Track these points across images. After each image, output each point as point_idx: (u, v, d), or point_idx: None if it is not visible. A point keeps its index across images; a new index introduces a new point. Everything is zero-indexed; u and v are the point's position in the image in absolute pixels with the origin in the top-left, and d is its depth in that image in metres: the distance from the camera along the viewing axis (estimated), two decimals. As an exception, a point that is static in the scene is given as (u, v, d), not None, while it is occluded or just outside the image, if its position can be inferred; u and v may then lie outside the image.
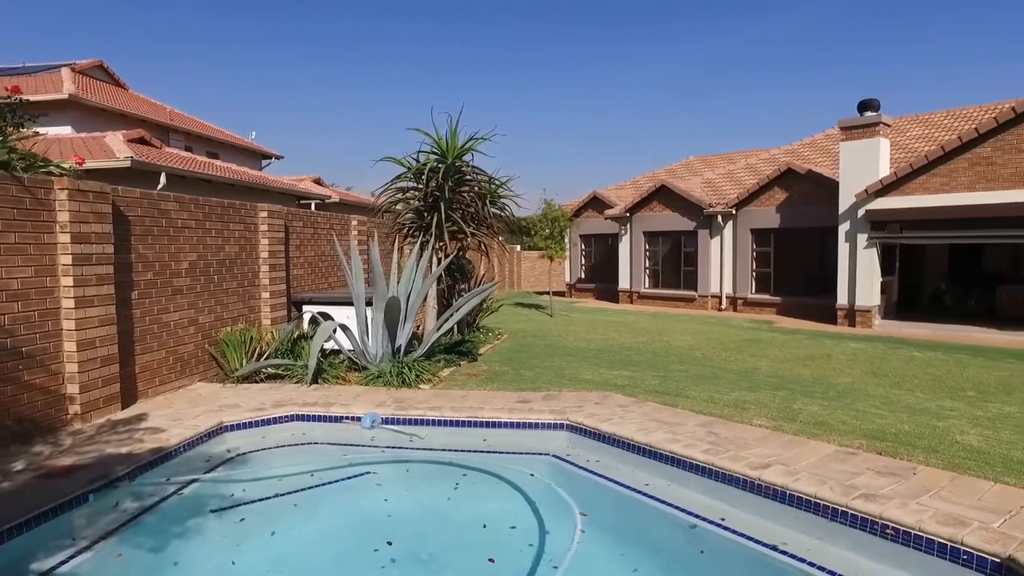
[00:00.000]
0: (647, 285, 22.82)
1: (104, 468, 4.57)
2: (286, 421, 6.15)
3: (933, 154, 14.25)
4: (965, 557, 3.35)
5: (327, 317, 8.11)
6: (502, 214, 10.41)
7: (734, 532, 4.07)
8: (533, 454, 5.64)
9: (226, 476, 5.10)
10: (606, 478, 5.09)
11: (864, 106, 15.41)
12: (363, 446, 5.83)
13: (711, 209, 20.07)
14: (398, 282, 8.10)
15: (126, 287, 6.41)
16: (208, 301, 7.70)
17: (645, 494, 4.73)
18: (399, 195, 9.55)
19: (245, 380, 7.43)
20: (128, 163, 14.18)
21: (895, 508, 3.74)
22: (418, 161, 9.25)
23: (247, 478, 5.10)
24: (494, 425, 5.99)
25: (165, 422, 5.75)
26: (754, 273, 19.70)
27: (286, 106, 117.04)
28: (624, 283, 23.30)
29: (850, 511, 3.82)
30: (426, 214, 9.31)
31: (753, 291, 19.64)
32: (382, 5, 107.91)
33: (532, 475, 5.16)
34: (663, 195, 21.92)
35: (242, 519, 4.41)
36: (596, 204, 26.07)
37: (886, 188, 14.93)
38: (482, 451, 5.69)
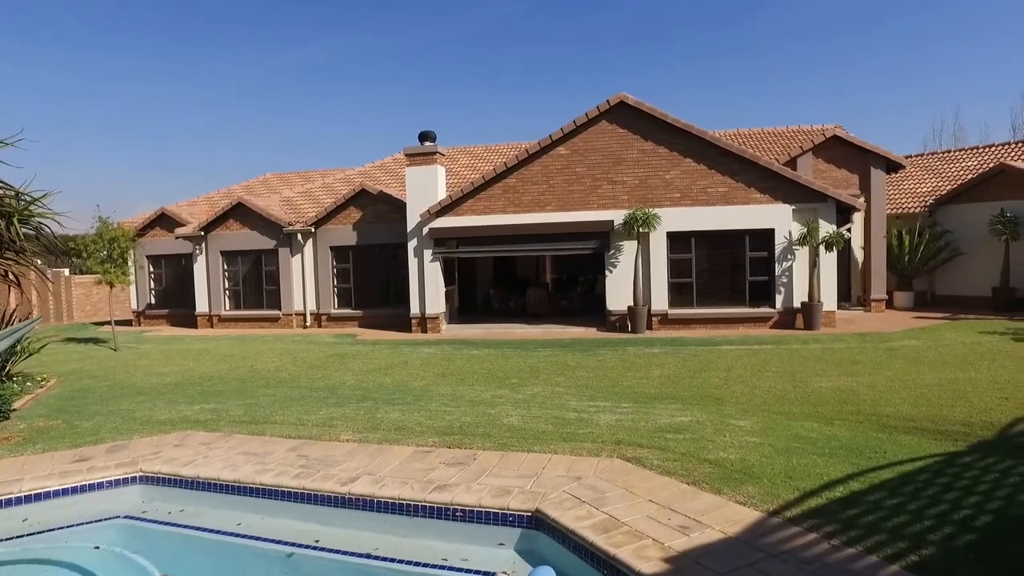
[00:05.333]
0: (228, 307, 21.51)
1: None
2: None
3: (477, 182, 16.98)
4: (511, 518, 4.22)
5: None
6: (37, 235, 8.59)
7: (330, 551, 4.23)
8: (97, 521, 4.86)
9: None
10: (192, 527, 4.72)
11: (423, 137, 17.44)
12: None
13: (291, 227, 20.03)
14: None
15: None
16: None
17: (238, 535, 4.55)
18: None
19: None
20: None
21: (462, 493, 4.42)
22: None
23: None
24: (38, 498, 4.93)
25: None
26: (336, 289, 20.37)
27: None
28: (202, 306, 21.51)
29: (427, 504, 4.36)
30: (-86, 238, 7.07)
31: (336, 306, 20.29)
32: None
33: (96, 547, 4.44)
34: (240, 213, 20.97)
35: None
36: (165, 222, 23.37)
37: (444, 209, 17.19)
38: (22, 535, 4.64)
